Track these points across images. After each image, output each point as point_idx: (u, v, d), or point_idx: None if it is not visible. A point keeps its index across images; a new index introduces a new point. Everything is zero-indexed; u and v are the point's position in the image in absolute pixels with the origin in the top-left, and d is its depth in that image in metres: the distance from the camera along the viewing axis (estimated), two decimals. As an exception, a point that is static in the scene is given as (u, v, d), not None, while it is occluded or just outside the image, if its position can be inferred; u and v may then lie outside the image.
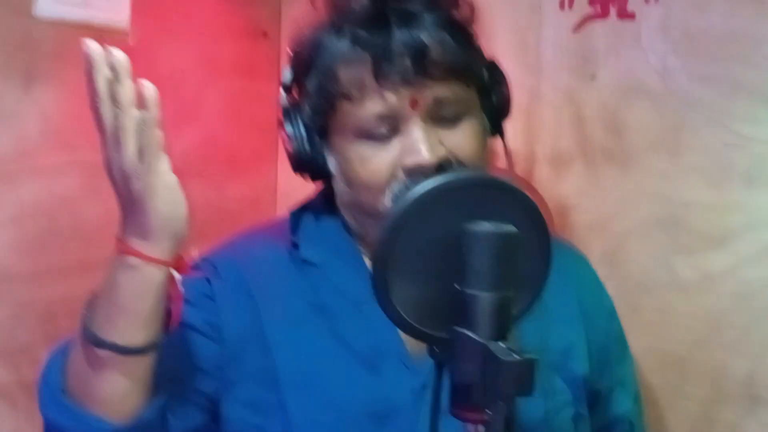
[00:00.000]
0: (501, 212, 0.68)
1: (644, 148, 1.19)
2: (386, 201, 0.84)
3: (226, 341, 0.88)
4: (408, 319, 0.69)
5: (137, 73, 1.22)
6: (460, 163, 0.84)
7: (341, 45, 0.84)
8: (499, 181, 0.69)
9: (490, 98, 0.91)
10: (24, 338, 1.11)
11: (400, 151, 0.84)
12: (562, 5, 1.24)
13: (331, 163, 0.89)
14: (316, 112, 0.87)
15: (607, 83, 1.21)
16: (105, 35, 1.16)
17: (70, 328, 1.13)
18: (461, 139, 0.86)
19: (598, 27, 1.21)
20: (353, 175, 0.85)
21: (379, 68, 0.82)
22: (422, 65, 0.82)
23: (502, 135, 0.95)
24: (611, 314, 1.01)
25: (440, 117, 0.85)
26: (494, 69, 0.93)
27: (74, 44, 1.13)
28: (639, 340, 1.17)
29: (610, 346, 0.98)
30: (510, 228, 0.65)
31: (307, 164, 0.89)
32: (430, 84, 0.83)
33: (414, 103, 0.83)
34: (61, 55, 1.12)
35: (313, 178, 0.92)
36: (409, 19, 0.83)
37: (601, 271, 1.21)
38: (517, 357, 0.60)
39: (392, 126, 0.84)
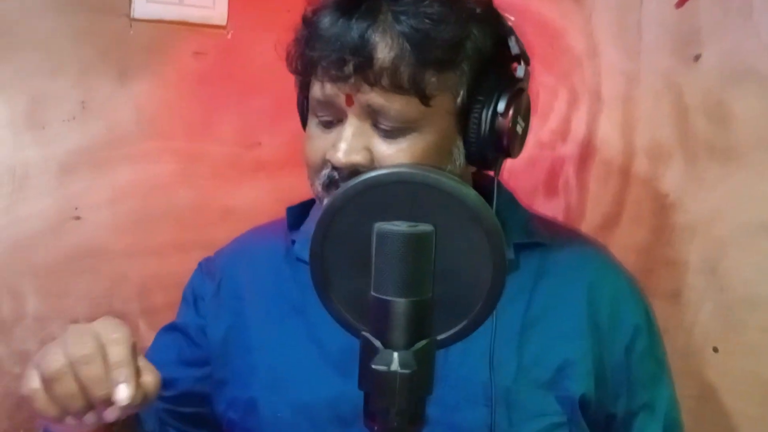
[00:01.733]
0: (437, 214, 0.63)
1: (752, 142, 1.02)
2: (318, 186, 0.83)
3: (211, 344, 0.92)
4: (346, 316, 0.67)
5: (235, 66, 1.30)
6: None
7: (313, 25, 0.83)
8: (434, 179, 0.64)
9: (467, 125, 0.82)
10: (120, 308, 1.22)
11: (332, 142, 0.82)
12: (663, -21, 1.09)
13: None
14: (300, 86, 0.88)
15: (711, 66, 1.05)
16: (202, 31, 1.26)
17: (163, 302, 1.26)
18: (393, 153, 0.80)
19: (703, 1, 1.05)
20: (304, 152, 0.85)
21: (321, 56, 0.80)
22: (361, 68, 0.78)
23: (486, 168, 0.87)
24: (638, 329, 0.87)
25: (379, 125, 0.80)
26: (491, 92, 0.82)
27: (168, 40, 1.24)
28: (739, 363, 1.02)
29: (631, 365, 0.86)
30: (421, 228, 0.60)
31: None
32: (368, 89, 0.79)
33: (349, 101, 0.81)
34: (154, 50, 1.22)
35: None
36: (376, 14, 0.79)
37: (699, 281, 1.07)
38: (394, 368, 0.55)
39: (337, 115, 0.82)
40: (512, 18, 0.91)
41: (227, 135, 1.30)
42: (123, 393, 0.66)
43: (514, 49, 0.86)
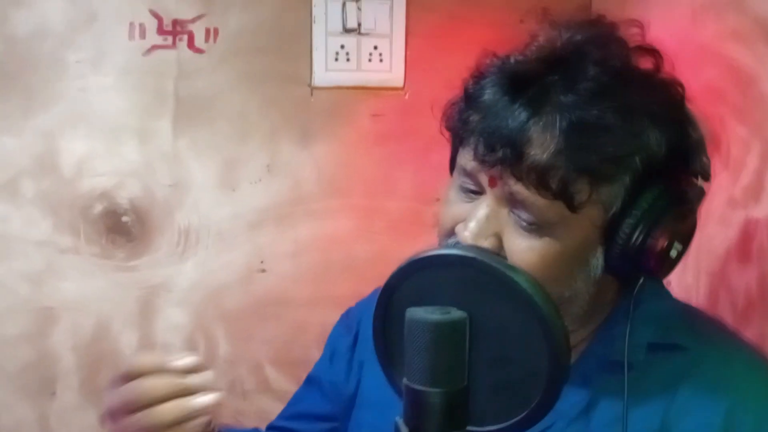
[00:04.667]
0: (488, 299, 0.60)
1: None
2: None
3: (342, 399, 0.94)
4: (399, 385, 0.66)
5: (412, 125, 1.34)
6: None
7: (473, 96, 0.81)
8: (483, 264, 0.61)
9: (614, 237, 0.73)
10: (299, 354, 1.32)
11: (467, 213, 0.78)
12: None
13: None
14: (454, 146, 0.86)
15: None
16: (379, 94, 1.32)
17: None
18: (524, 249, 0.72)
19: None
20: (439, 212, 0.82)
21: (473, 133, 0.77)
22: (510, 160, 0.73)
23: (625, 284, 0.78)
24: None
25: (517, 214, 0.75)
26: (652, 208, 0.72)
27: (346, 104, 1.32)
28: None
29: None
30: (452, 316, 0.58)
31: None
32: (514, 180, 0.74)
33: (492, 183, 0.75)
34: (334, 114, 1.30)
35: None
36: (541, 104, 0.73)
37: None
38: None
39: (479, 187, 0.78)
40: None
41: (405, 191, 1.34)
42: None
43: (697, 163, 0.78)
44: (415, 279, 0.64)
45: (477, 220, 0.75)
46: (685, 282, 0.91)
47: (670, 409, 0.74)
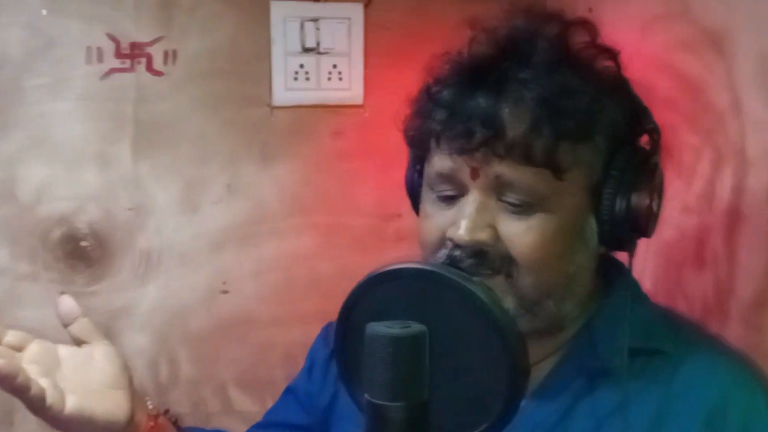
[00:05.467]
0: (447, 312, 0.61)
1: None
2: None
3: (317, 411, 0.94)
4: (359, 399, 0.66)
5: (373, 142, 1.35)
6: (503, 255, 0.74)
7: (436, 97, 0.81)
8: (441, 276, 0.62)
9: (601, 202, 0.76)
10: (265, 374, 1.31)
11: (453, 218, 0.78)
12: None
13: None
14: (413, 161, 0.86)
15: None
16: (339, 111, 1.33)
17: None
18: (522, 232, 0.74)
19: None
20: (420, 231, 0.82)
21: (446, 128, 0.77)
22: (490, 140, 0.75)
23: (620, 249, 0.80)
24: None
25: (506, 199, 0.76)
26: (626, 167, 0.76)
27: (306, 123, 1.32)
28: None
29: None
30: (411, 330, 0.58)
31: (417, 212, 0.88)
32: (497, 161, 0.75)
33: (474, 174, 0.76)
34: (295, 133, 1.31)
35: None
36: (504, 84, 0.76)
37: None
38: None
39: (458, 189, 0.78)
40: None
41: (367, 208, 1.34)
42: None
43: (645, 121, 0.81)
44: (374, 294, 0.64)
45: (468, 215, 0.75)
46: (644, 289, 0.93)
47: (652, 414, 0.75)
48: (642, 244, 0.83)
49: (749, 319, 0.91)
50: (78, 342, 0.79)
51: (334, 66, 1.31)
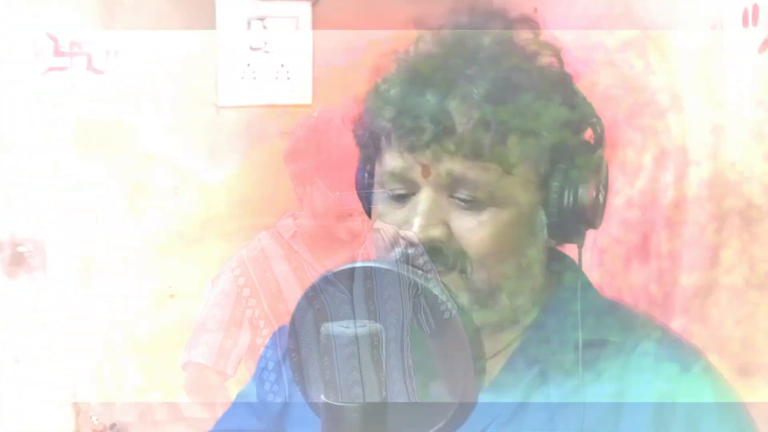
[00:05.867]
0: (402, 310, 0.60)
1: None
2: None
3: (269, 415, 0.92)
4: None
5: (324, 140, 1.34)
6: (456, 251, 0.74)
7: (385, 96, 0.81)
8: (393, 272, 0.61)
9: (549, 195, 0.77)
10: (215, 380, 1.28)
11: (405, 217, 0.78)
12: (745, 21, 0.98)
13: None
14: (364, 159, 0.86)
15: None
16: (288, 111, 1.32)
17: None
18: (474, 227, 0.74)
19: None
20: (372, 230, 0.81)
21: (396, 126, 0.77)
22: (440, 136, 0.75)
23: (569, 241, 0.80)
24: None
25: (457, 195, 0.76)
26: (571, 159, 0.77)
27: (254, 124, 1.31)
28: None
29: None
30: (366, 328, 0.57)
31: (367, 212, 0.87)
32: (447, 158, 0.75)
33: (425, 172, 0.76)
34: (242, 133, 1.29)
35: None
36: (451, 81, 0.77)
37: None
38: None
39: (410, 188, 0.78)
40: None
41: (317, 208, 1.33)
42: None
43: (588, 115, 0.82)
44: (328, 294, 0.63)
45: (420, 213, 0.74)
46: (592, 281, 0.95)
47: (605, 405, 0.76)
48: (589, 238, 0.84)
49: (692, 310, 0.94)
50: None
51: (282, 65, 1.29)
